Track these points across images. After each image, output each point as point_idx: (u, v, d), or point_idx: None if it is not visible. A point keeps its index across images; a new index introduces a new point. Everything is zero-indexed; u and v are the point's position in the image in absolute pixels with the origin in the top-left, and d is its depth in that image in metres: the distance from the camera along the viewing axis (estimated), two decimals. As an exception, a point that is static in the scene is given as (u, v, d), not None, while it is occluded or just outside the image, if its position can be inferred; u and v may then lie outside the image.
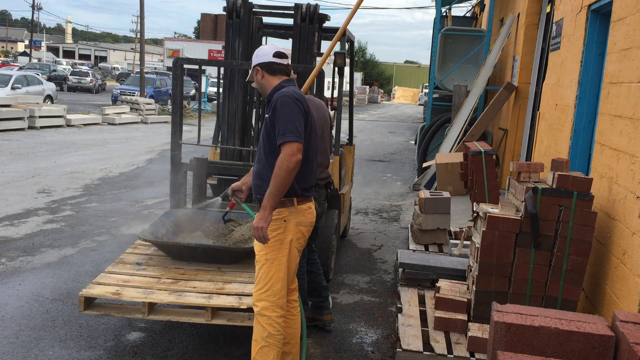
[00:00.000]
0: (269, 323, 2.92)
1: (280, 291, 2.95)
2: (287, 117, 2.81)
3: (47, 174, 9.23)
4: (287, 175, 2.78)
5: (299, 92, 2.97)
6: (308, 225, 3.04)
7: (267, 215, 2.81)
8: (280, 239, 2.93)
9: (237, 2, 4.88)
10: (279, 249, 2.94)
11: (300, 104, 2.88)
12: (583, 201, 3.46)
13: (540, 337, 1.93)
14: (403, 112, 36.42)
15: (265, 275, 2.93)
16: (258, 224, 2.81)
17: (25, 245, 5.65)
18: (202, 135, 5.22)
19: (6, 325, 3.89)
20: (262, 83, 3.07)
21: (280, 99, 2.87)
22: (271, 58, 3.03)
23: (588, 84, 4.84)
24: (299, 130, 2.80)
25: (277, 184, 2.78)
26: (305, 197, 3.01)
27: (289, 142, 2.78)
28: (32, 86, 20.11)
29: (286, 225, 2.94)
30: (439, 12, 13.11)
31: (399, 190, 9.98)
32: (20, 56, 55.03)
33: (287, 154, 2.77)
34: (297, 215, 2.97)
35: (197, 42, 44.63)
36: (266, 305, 2.92)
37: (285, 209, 2.93)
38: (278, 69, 3.05)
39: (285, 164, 2.76)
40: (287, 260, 2.96)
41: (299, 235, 3.00)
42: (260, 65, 3.05)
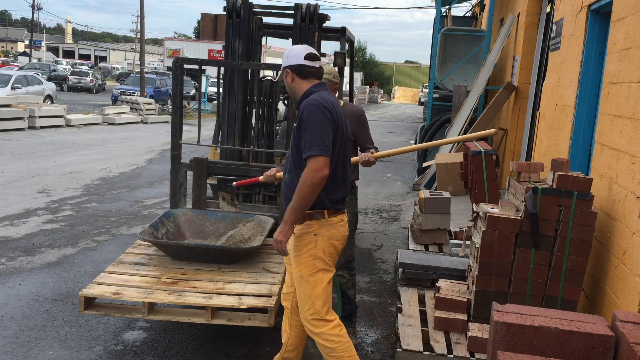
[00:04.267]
0: (325, 339, 2.82)
1: (323, 307, 2.82)
2: (313, 129, 2.65)
3: (47, 174, 9.23)
4: (310, 191, 2.64)
5: (329, 99, 2.78)
6: (340, 238, 2.88)
7: (287, 229, 2.70)
8: (313, 254, 2.80)
9: (237, 2, 4.88)
10: (313, 264, 2.81)
11: (329, 112, 2.70)
12: (583, 201, 3.46)
13: (540, 337, 1.93)
14: (403, 112, 36.41)
15: (304, 294, 2.84)
16: (277, 237, 2.71)
17: (25, 245, 5.65)
18: (202, 135, 5.22)
19: (6, 325, 3.89)
20: (292, 87, 2.91)
21: (307, 109, 2.70)
22: (302, 60, 2.85)
23: (588, 84, 4.84)
24: (325, 143, 2.64)
25: (300, 199, 2.65)
26: (336, 209, 2.85)
27: (315, 157, 2.62)
28: (32, 86, 20.12)
29: (317, 240, 2.80)
30: (439, 12, 13.11)
31: (399, 190, 9.98)
32: (20, 56, 55.04)
33: (312, 168, 2.62)
34: (329, 228, 2.82)
35: (197, 42, 44.63)
36: (315, 324, 2.83)
37: (315, 222, 2.80)
38: (310, 72, 2.87)
39: (310, 180, 2.62)
40: (322, 275, 2.82)
41: (332, 250, 2.85)
42: (290, 67, 2.87)
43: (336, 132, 2.73)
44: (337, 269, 3.50)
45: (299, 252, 2.83)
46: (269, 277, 3.66)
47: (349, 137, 2.90)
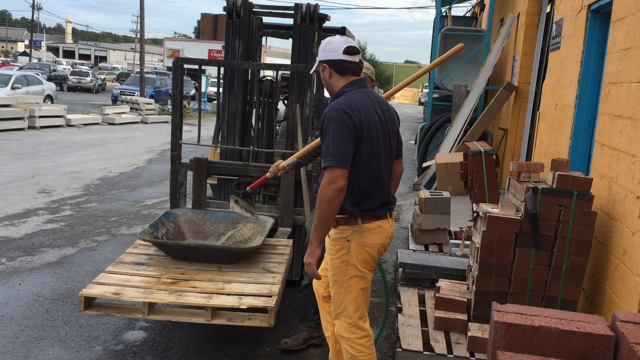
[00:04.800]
0: (350, 345, 2.76)
1: (355, 313, 2.75)
2: (331, 137, 2.51)
3: (47, 174, 9.23)
4: (328, 206, 2.50)
5: (356, 102, 2.59)
6: (376, 245, 2.73)
7: (313, 249, 2.60)
8: (345, 260, 2.70)
9: (237, 2, 4.88)
10: (345, 270, 2.71)
11: (351, 118, 2.52)
12: (583, 201, 3.46)
13: (540, 337, 1.93)
14: (403, 112, 36.40)
15: (337, 297, 2.77)
16: (306, 259, 2.64)
17: (25, 245, 5.65)
18: (202, 135, 5.22)
19: (6, 325, 3.89)
20: (330, 82, 2.75)
21: (328, 114, 2.55)
22: (341, 55, 2.67)
23: (588, 84, 4.84)
24: (342, 154, 2.49)
25: (319, 216, 2.54)
26: (371, 215, 2.69)
27: (330, 168, 2.49)
28: (32, 86, 20.13)
29: (350, 246, 2.69)
30: (439, 12, 13.11)
31: (399, 190, 9.98)
32: (20, 56, 55.06)
33: (326, 181, 2.50)
34: (362, 235, 2.69)
35: (197, 42, 44.65)
36: (343, 327, 2.77)
37: (348, 227, 2.68)
38: (348, 68, 2.70)
39: (325, 193, 2.50)
40: (355, 282, 2.72)
41: (366, 256, 2.72)
42: (328, 62, 2.70)
43: (360, 137, 2.56)
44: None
45: (332, 256, 2.75)
46: (269, 277, 3.66)
47: (387, 139, 2.72)
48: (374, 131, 2.62)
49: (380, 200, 2.71)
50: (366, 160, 2.61)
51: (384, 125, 2.69)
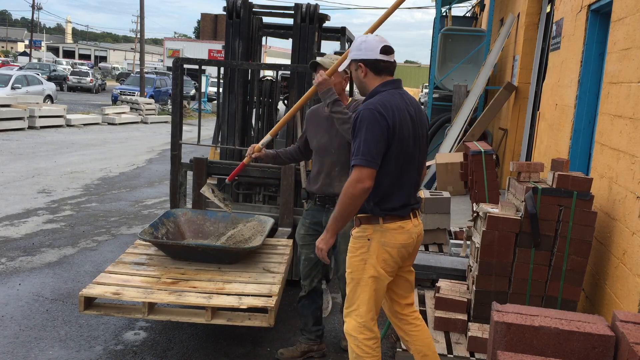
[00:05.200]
0: (356, 344, 2.75)
1: (367, 314, 2.73)
2: (363, 137, 2.52)
3: (47, 174, 9.23)
4: (351, 202, 2.54)
5: (391, 101, 2.60)
6: (397, 246, 2.70)
7: (328, 237, 2.67)
8: (364, 258, 2.69)
9: (237, 2, 4.88)
10: (363, 269, 2.70)
11: (384, 119, 2.54)
12: (583, 201, 3.46)
13: (540, 337, 1.93)
14: (403, 112, 36.40)
15: (352, 295, 2.76)
16: (319, 244, 2.68)
17: (25, 245, 5.65)
18: (202, 135, 5.22)
19: (6, 325, 3.89)
20: (364, 82, 2.73)
21: (362, 113, 2.56)
22: (378, 55, 2.66)
23: (588, 84, 4.84)
24: (372, 154, 2.51)
25: (341, 210, 2.58)
26: (393, 215, 2.68)
27: (359, 167, 2.51)
28: (32, 86, 20.12)
29: (370, 245, 2.68)
30: (439, 12, 13.11)
31: (399, 190, 9.98)
32: (20, 56, 55.05)
33: (354, 179, 2.51)
34: (383, 234, 2.67)
35: (197, 42, 44.65)
36: (353, 325, 2.76)
37: (369, 227, 2.68)
38: (384, 68, 2.69)
39: (350, 190, 2.52)
40: (372, 282, 2.70)
41: (386, 256, 2.69)
42: (364, 62, 2.69)
43: (392, 138, 2.57)
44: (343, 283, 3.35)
45: (352, 254, 2.75)
46: (269, 277, 3.66)
47: (418, 140, 2.72)
48: (406, 132, 2.63)
49: (403, 200, 2.71)
50: (395, 161, 2.62)
51: (415, 127, 2.69)
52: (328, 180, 3.45)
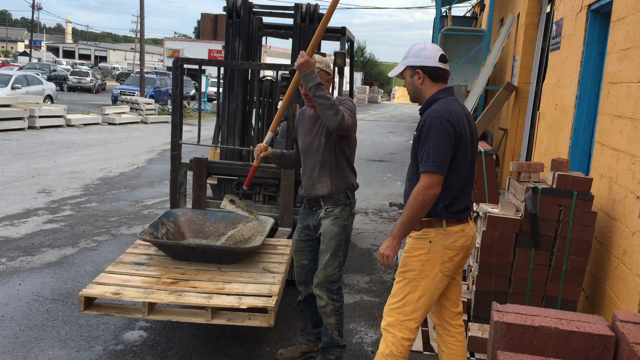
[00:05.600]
0: (392, 342, 2.73)
1: (412, 314, 2.71)
2: (431, 143, 2.56)
3: (47, 174, 9.23)
4: (421, 208, 2.56)
5: (454, 110, 2.65)
6: (457, 249, 2.72)
7: (394, 244, 2.63)
8: (422, 259, 2.69)
9: (237, 2, 4.88)
10: (420, 270, 2.70)
11: (452, 126, 2.58)
12: (583, 201, 3.46)
13: (540, 337, 1.93)
14: (403, 112, 36.43)
15: (400, 292, 2.75)
16: (384, 251, 2.64)
17: (25, 245, 5.65)
18: (202, 135, 5.22)
19: (6, 325, 3.89)
20: (419, 88, 2.76)
21: (429, 120, 2.59)
22: (437, 62, 2.72)
23: (588, 84, 4.84)
24: (441, 160, 2.55)
25: (409, 215, 2.58)
26: (457, 218, 2.72)
27: (428, 173, 2.54)
28: (32, 86, 20.12)
29: (431, 247, 2.69)
30: (439, 12, 13.12)
31: (399, 190, 9.98)
32: (20, 56, 55.05)
33: (424, 185, 2.55)
34: (446, 237, 2.69)
35: (197, 42, 44.64)
36: (393, 322, 2.75)
37: (432, 230, 2.69)
38: (441, 76, 2.75)
39: (421, 197, 2.55)
40: (427, 283, 2.70)
41: (445, 259, 2.70)
42: (422, 68, 2.73)
43: (458, 145, 2.62)
44: (315, 286, 3.34)
45: (410, 254, 2.74)
46: (269, 277, 3.66)
47: (475, 148, 2.77)
48: (467, 139, 2.69)
49: (465, 204, 2.77)
50: (459, 166, 2.67)
51: (472, 133, 2.76)
52: (310, 182, 3.34)
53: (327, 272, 3.31)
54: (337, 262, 3.32)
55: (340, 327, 3.40)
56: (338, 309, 3.36)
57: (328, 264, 3.30)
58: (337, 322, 3.38)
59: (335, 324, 3.37)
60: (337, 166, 3.29)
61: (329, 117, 2.99)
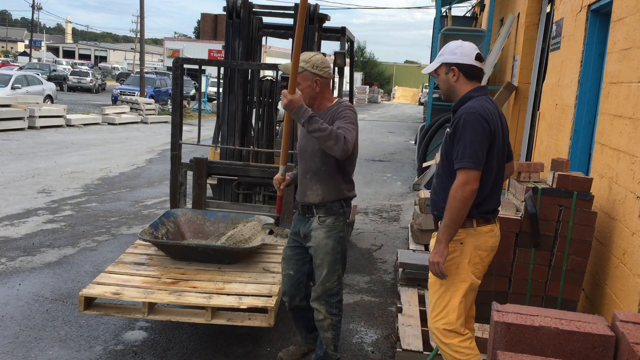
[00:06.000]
0: (455, 351, 2.69)
1: (457, 320, 2.69)
2: (468, 140, 2.53)
3: (47, 174, 9.23)
4: (462, 206, 2.53)
5: (489, 107, 2.64)
6: (488, 249, 2.72)
7: (442, 249, 2.57)
8: (457, 262, 2.67)
9: (237, 2, 4.88)
10: (455, 273, 2.67)
11: (487, 123, 2.57)
12: (583, 201, 3.46)
13: (540, 337, 1.93)
14: (403, 112, 36.42)
15: (440, 301, 2.71)
16: (434, 258, 2.59)
17: (25, 245, 5.65)
18: (202, 135, 5.22)
19: (6, 325, 3.89)
20: (454, 86, 2.75)
21: (465, 117, 2.58)
22: (473, 60, 2.71)
23: (588, 84, 4.84)
24: (478, 156, 2.52)
25: (452, 215, 2.55)
26: (486, 219, 2.70)
27: (465, 169, 2.52)
28: (32, 86, 20.12)
29: (463, 248, 2.67)
30: (439, 12, 13.12)
31: (399, 190, 9.98)
32: (20, 56, 55.04)
33: (461, 182, 2.52)
34: (476, 238, 2.68)
35: (197, 42, 44.64)
36: (446, 334, 2.71)
37: (462, 230, 2.66)
38: (476, 74, 2.74)
39: (460, 194, 2.52)
40: (465, 287, 2.68)
41: (477, 260, 2.69)
42: (458, 66, 2.72)
43: (492, 143, 2.61)
44: (312, 300, 3.19)
45: None
46: (269, 277, 3.66)
47: (505, 148, 2.77)
48: (500, 138, 2.67)
49: (495, 204, 2.76)
50: (492, 164, 2.65)
51: (505, 134, 2.75)
52: (302, 188, 3.18)
53: (326, 287, 3.15)
54: (336, 276, 3.16)
55: (337, 341, 3.25)
56: (336, 323, 3.21)
57: (326, 279, 3.14)
58: (333, 336, 3.22)
59: (332, 339, 3.21)
60: (330, 176, 3.07)
61: (331, 148, 2.83)
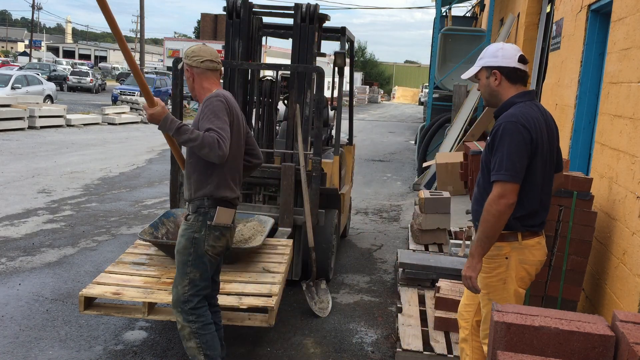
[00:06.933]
0: None
1: None
2: (506, 150, 2.41)
3: (47, 174, 9.23)
4: (496, 221, 2.41)
5: (532, 115, 2.48)
6: (535, 263, 2.60)
7: (475, 263, 2.46)
8: (503, 278, 2.57)
9: (237, 2, 4.88)
10: (503, 289, 2.57)
11: (528, 132, 2.43)
12: (583, 201, 3.46)
13: (540, 336, 1.93)
14: (403, 112, 36.42)
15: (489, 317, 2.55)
16: (466, 272, 2.48)
17: (25, 245, 5.65)
18: (202, 135, 5.20)
19: (6, 325, 3.89)
20: (496, 90, 2.61)
21: (504, 125, 2.44)
22: (516, 63, 2.57)
23: (588, 83, 4.84)
24: (516, 168, 2.39)
25: (486, 230, 2.43)
26: (532, 231, 2.58)
27: (502, 182, 2.39)
28: (32, 86, 20.10)
29: (508, 263, 2.55)
30: (439, 12, 13.12)
31: (399, 190, 9.98)
32: (20, 56, 55.01)
33: (497, 195, 2.40)
34: (522, 252, 2.56)
35: (197, 42, 44.61)
36: None
37: (506, 244, 2.55)
38: (520, 77, 2.59)
39: (495, 208, 2.40)
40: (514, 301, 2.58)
41: (523, 274, 2.58)
42: (501, 69, 2.57)
43: (535, 153, 2.47)
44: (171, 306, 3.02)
45: (487, 274, 2.61)
46: (269, 277, 3.66)
47: (554, 154, 2.63)
48: (546, 146, 2.54)
49: (544, 216, 2.63)
50: (537, 175, 2.53)
51: (552, 140, 2.61)
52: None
53: (178, 291, 2.95)
54: (187, 280, 2.92)
55: (207, 349, 2.98)
56: (197, 330, 2.95)
57: (178, 282, 2.95)
58: (199, 345, 2.96)
59: (197, 347, 2.97)
60: (199, 171, 2.89)
61: (207, 156, 2.69)
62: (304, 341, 3.90)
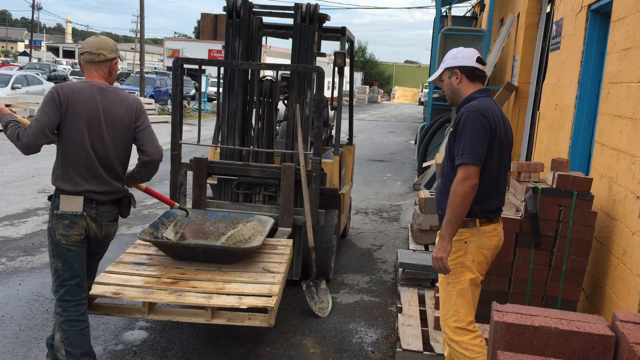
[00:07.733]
0: (465, 348, 2.76)
1: (466, 317, 2.77)
2: (468, 136, 2.63)
3: (47, 174, 9.22)
4: (462, 201, 2.60)
5: (490, 107, 2.72)
6: (492, 248, 2.81)
7: (445, 244, 2.65)
8: (461, 261, 2.76)
9: (237, 2, 4.88)
10: (461, 272, 2.76)
11: (487, 121, 2.65)
12: (583, 201, 3.46)
13: (540, 337, 1.93)
14: (403, 112, 36.42)
15: (449, 300, 2.80)
16: (437, 254, 2.66)
17: (25, 245, 5.65)
18: (202, 135, 5.21)
19: (6, 325, 3.89)
20: (457, 88, 2.86)
21: (466, 115, 2.68)
22: (474, 63, 2.82)
23: (588, 83, 4.84)
24: (477, 152, 2.61)
25: (453, 211, 2.62)
26: (489, 218, 2.79)
27: (465, 165, 2.61)
28: (32, 86, 20.10)
29: (467, 248, 2.75)
30: (439, 12, 13.13)
31: (399, 190, 9.98)
32: (20, 56, 55.01)
33: (461, 177, 2.60)
34: (480, 237, 2.76)
35: (197, 42, 44.62)
36: (453, 330, 2.79)
37: (466, 230, 2.75)
38: (478, 76, 2.85)
39: (460, 189, 2.60)
40: (471, 284, 2.77)
41: (481, 259, 2.78)
42: (461, 69, 2.83)
43: (493, 141, 2.68)
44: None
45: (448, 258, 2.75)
46: (269, 277, 3.66)
47: (509, 148, 2.83)
48: (502, 138, 2.74)
49: (498, 203, 2.82)
50: (492, 163, 2.72)
51: (507, 136, 2.81)
52: None
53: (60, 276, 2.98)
54: (52, 269, 2.98)
55: (68, 346, 2.92)
56: (60, 324, 2.93)
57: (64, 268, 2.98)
58: (62, 339, 2.93)
59: (60, 341, 2.94)
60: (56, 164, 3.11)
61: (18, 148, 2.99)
62: (304, 341, 3.90)
